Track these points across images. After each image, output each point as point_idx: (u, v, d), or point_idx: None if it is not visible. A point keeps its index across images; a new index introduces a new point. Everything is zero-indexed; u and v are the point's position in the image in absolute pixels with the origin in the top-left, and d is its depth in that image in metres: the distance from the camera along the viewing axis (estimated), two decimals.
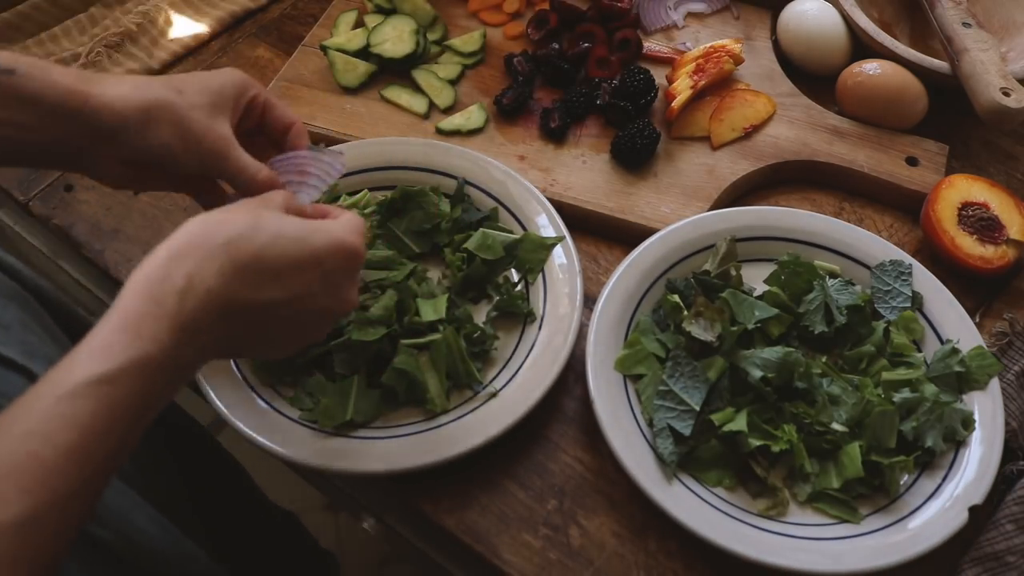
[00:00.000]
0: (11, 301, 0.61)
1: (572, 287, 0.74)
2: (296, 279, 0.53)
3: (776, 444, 0.65)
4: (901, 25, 1.00)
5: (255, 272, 0.51)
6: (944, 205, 0.80)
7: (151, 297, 0.48)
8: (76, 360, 0.46)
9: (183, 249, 0.50)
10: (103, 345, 0.46)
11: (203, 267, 0.49)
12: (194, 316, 0.49)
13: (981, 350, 0.71)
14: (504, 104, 0.90)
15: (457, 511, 0.67)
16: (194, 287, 0.49)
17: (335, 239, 0.55)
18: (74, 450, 0.43)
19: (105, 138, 0.58)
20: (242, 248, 0.51)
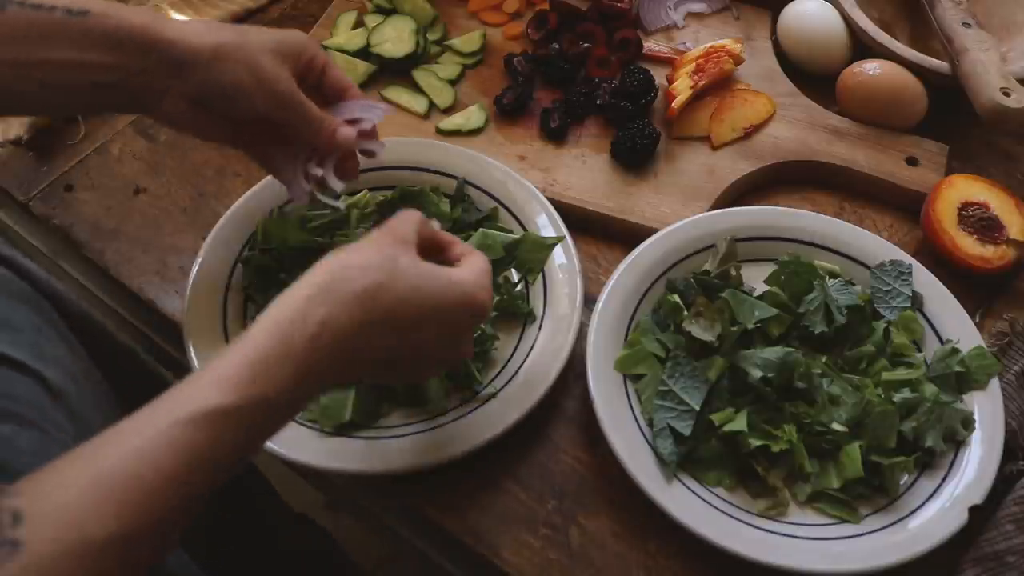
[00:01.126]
0: (23, 303, 0.61)
1: (572, 287, 0.74)
2: (422, 332, 0.54)
3: (776, 444, 0.65)
4: (901, 25, 1.00)
5: (386, 324, 0.52)
6: (944, 205, 0.80)
7: (283, 338, 0.48)
8: (197, 386, 0.46)
9: (320, 293, 0.50)
10: (226, 377, 0.46)
11: (338, 315, 0.50)
12: (319, 361, 0.49)
13: (981, 350, 0.71)
14: (504, 104, 0.90)
15: (457, 511, 0.67)
16: (326, 334, 0.49)
17: (467, 297, 0.55)
18: (177, 477, 0.43)
19: (176, 72, 0.60)
20: (378, 301, 0.51)
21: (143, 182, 0.87)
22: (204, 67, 0.60)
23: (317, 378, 0.49)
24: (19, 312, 0.60)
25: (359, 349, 0.51)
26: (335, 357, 0.50)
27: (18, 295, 0.62)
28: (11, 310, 0.60)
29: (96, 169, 0.88)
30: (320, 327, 0.49)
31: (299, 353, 0.48)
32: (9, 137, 0.89)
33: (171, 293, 0.79)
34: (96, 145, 0.90)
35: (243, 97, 0.61)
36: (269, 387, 0.47)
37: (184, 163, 0.88)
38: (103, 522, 0.40)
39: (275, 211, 0.78)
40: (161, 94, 0.61)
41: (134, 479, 0.42)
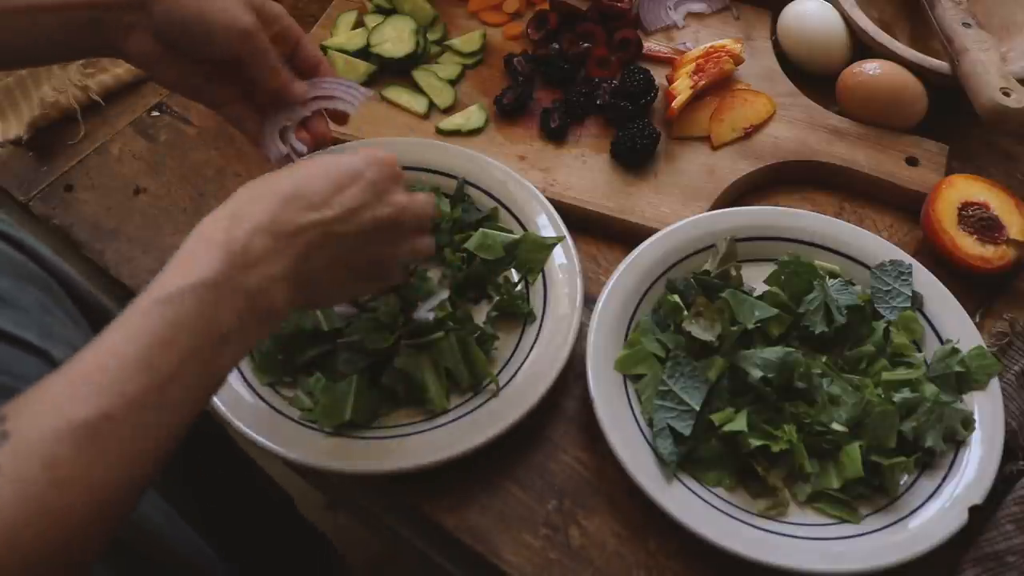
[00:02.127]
0: (31, 283, 0.62)
1: (572, 287, 0.74)
2: (342, 195, 0.55)
3: (776, 444, 0.65)
4: (901, 25, 1.00)
5: (298, 198, 0.54)
6: (944, 205, 0.80)
7: (201, 239, 0.51)
8: (140, 296, 0.49)
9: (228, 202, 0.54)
10: (163, 279, 0.49)
11: (247, 206, 0.53)
12: (243, 242, 0.51)
13: (981, 350, 0.71)
14: (504, 104, 0.90)
15: (457, 511, 0.67)
16: (240, 220, 0.52)
17: (365, 153, 0.58)
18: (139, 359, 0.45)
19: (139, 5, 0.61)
20: (281, 183, 0.54)
21: (143, 182, 0.87)
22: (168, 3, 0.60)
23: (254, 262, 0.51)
24: (27, 292, 0.60)
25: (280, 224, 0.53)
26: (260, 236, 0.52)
27: (27, 275, 0.62)
28: (19, 290, 0.60)
29: (96, 169, 0.88)
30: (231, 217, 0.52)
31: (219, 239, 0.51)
32: (9, 137, 0.90)
33: None
34: (96, 145, 0.90)
35: (206, 30, 0.62)
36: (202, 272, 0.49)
37: (184, 163, 0.88)
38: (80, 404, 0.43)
39: None
40: (127, 30, 0.62)
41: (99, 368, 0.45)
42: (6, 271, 0.60)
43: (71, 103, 0.91)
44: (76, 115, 0.91)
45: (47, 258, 0.66)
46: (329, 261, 0.56)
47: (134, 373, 0.45)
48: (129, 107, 0.94)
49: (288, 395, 0.70)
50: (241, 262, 0.50)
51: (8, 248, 0.63)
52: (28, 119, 0.89)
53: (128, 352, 0.46)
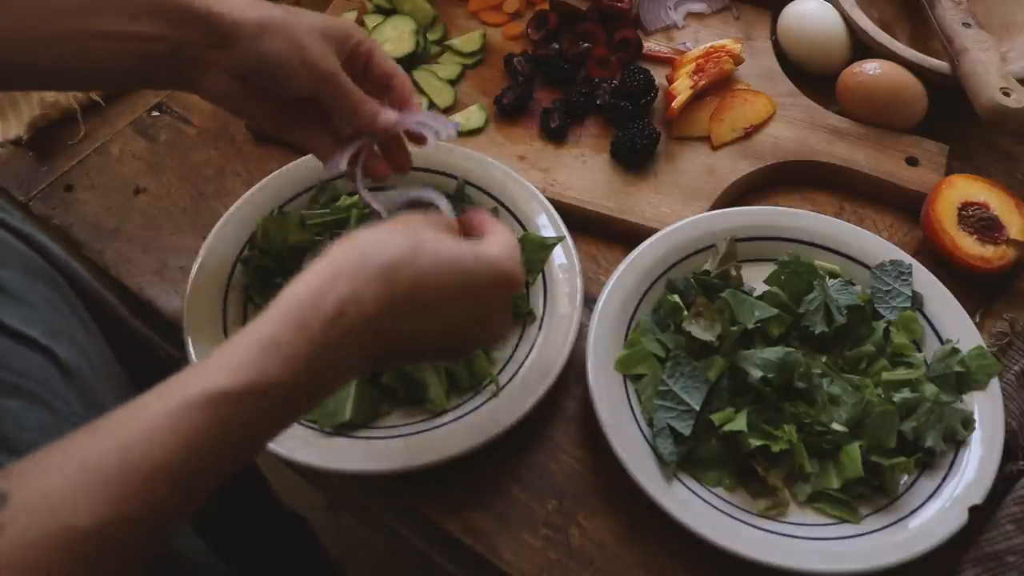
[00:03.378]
0: (38, 279, 0.61)
1: (572, 287, 0.74)
2: (452, 311, 0.51)
3: (776, 444, 0.65)
4: (901, 25, 1.00)
5: (411, 302, 0.48)
6: (944, 205, 0.80)
7: (297, 321, 0.45)
8: (199, 371, 0.43)
9: (338, 272, 0.47)
10: (231, 361, 0.44)
11: (359, 294, 0.46)
12: (339, 343, 0.46)
13: (981, 350, 0.71)
14: (504, 104, 0.90)
15: (457, 511, 0.67)
16: (346, 315, 0.46)
17: (498, 269, 0.52)
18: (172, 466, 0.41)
19: (220, 45, 0.60)
20: (400, 275, 0.48)
21: (143, 182, 0.87)
22: (249, 41, 0.59)
23: (336, 362, 0.46)
24: (34, 288, 0.60)
25: (383, 330, 0.47)
26: (356, 339, 0.46)
27: (34, 271, 0.62)
28: (27, 286, 0.59)
29: (96, 169, 0.88)
30: (339, 306, 0.46)
31: (315, 333, 0.45)
32: (9, 137, 0.90)
33: (171, 293, 0.79)
34: (96, 145, 0.90)
35: (286, 73, 0.61)
36: (282, 371, 0.44)
37: (184, 163, 0.88)
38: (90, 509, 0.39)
39: (275, 211, 0.78)
40: (205, 67, 0.61)
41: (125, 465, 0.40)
42: (14, 266, 0.60)
43: (71, 103, 0.91)
44: (76, 115, 0.91)
45: (54, 253, 0.66)
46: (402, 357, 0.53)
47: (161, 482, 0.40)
48: (129, 107, 0.94)
49: None
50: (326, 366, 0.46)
51: (17, 242, 0.62)
52: (28, 119, 0.89)
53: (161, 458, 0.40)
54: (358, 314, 0.46)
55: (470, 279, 0.51)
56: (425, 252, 0.49)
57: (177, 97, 0.94)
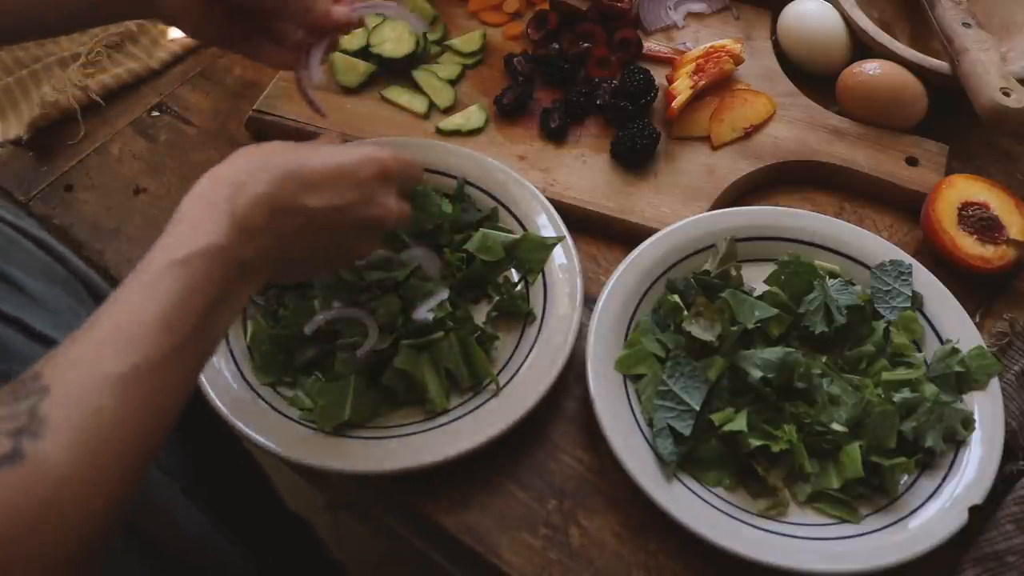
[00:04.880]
0: (60, 287, 0.63)
1: (572, 287, 0.74)
2: (335, 189, 0.58)
3: (776, 444, 0.65)
4: (901, 25, 1.00)
5: (298, 179, 0.56)
6: (944, 205, 0.80)
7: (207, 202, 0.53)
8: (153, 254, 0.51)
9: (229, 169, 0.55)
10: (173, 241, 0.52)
11: (251, 176, 0.55)
12: (246, 213, 0.53)
13: (981, 350, 0.71)
14: (504, 104, 0.89)
15: (457, 511, 0.67)
16: (244, 191, 0.54)
17: (365, 153, 0.60)
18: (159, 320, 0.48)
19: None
20: (285, 158, 0.56)
21: (143, 182, 0.87)
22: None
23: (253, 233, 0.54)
24: (58, 295, 0.62)
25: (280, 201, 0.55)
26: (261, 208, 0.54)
27: (56, 279, 0.63)
28: (51, 293, 0.61)
29: (96, 169, 0.88)
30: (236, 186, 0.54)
31: (225, 207, 0.53)
32: (9, 137, 0.90)
33: None
34: (96, 145, 0.90)
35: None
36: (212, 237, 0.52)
37: (184, 163, 0.88)
38: (117, 358, 0.46)
39: None
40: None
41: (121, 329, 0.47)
42: (37, 274, 0.61)
43: (71, 103, 0.91)
44: (76, 115, 0.91)
45: (72, 262, 0.68)
46: (306, 245, 0.59)
47: (156, 333, 0.47)
48: (129, 107, 0.94)
49: (288, 395, 0.70)
50: (244, 235, 0.53)
51: (37, 250, 0.64)
52: (28, 119, 0.89)
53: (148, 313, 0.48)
54: (252, 190, 0.54)
55: (344, 159, 0.59)
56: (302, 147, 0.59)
57: (177, 97, 0.94)
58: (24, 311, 0.58)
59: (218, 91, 0.95)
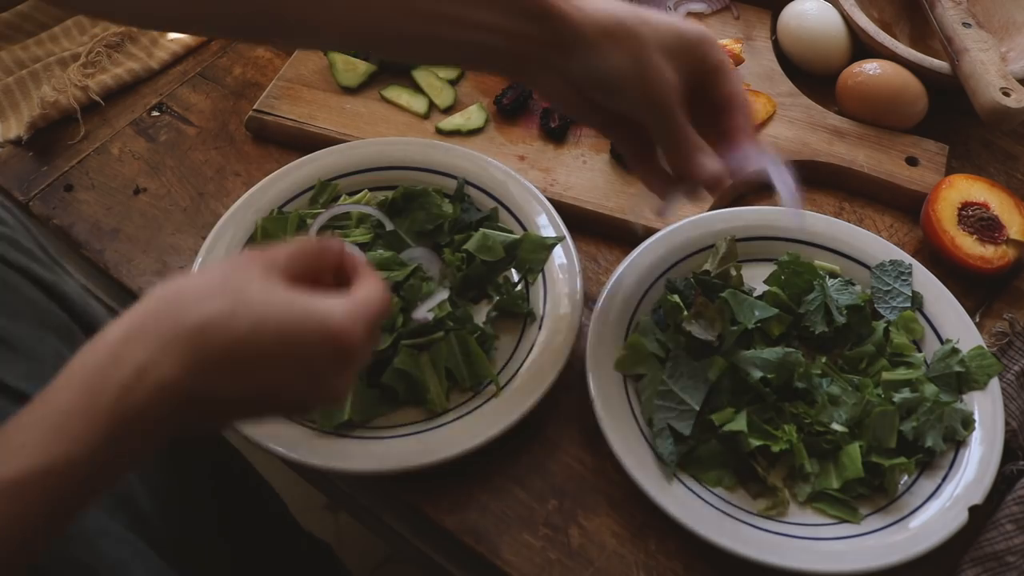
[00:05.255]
0: (51, 331, 0.57)
1: (572, 287, 0.74)
2: (273, 375, 0.45)
3: (776, 444, 0.65)
4: (901, 25, 1.00)
5: (222, 368, 0.43)
6: (944, 205, 0.80)
7: (88, 389, 0.41)
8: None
9: (140, 329, 0.42)
10: (19, 442, 0.40)
11: (158, 357, 0.41)
12: (138, 410, 0.41)
13: (981, 350, 0.71)
14: (504, 104, 0.90)
15: (457, 511, 0.67)
16: (143, 380, 0.41)
17: (327, 332, 0.45)
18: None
19: (559, 47, 0.56)
20: (212, 339, 0.42)
21: (143, 182, 0.87)
22: (587, 50, 0.56)
23: (141, 430, 0.41)
24: (45, 341, 0.56)
25: (192, 398, 0.42)
26: (160, 405, 0.41)
27: (49, 323, 0.58)
28: (37, 339, 0.55)
29: (96, 169, 0.88)
30: (136, 372, 0.41)
31: (108, 405, 0.40)
32: (9, 137, 0.90)
33: None
34: (96, 145, 0.90)
35: (618, 91, 0.57)
36: (73, 448, 0.39)
37: (184, 163, 0.88)
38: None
39: (274, 211, 0.78)
40: (541, 67, 0.58)
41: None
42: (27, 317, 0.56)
43: (71, 103, 0.91)
44: (76, 115, 0.91)
45: (74, 300, 0.62)
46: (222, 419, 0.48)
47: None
48: (129, 107, 0.94)
49: None
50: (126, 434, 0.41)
51: (35, 292, 0.59)
52: (28, 119, 0.89)
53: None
54: (155, 380, 0.41)
55: (291, 340, 0.44)
56: (243, 311, 0.43)
57: (177, 97, 0.94)
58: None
59: (218, 91, 0.95)
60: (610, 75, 0.56)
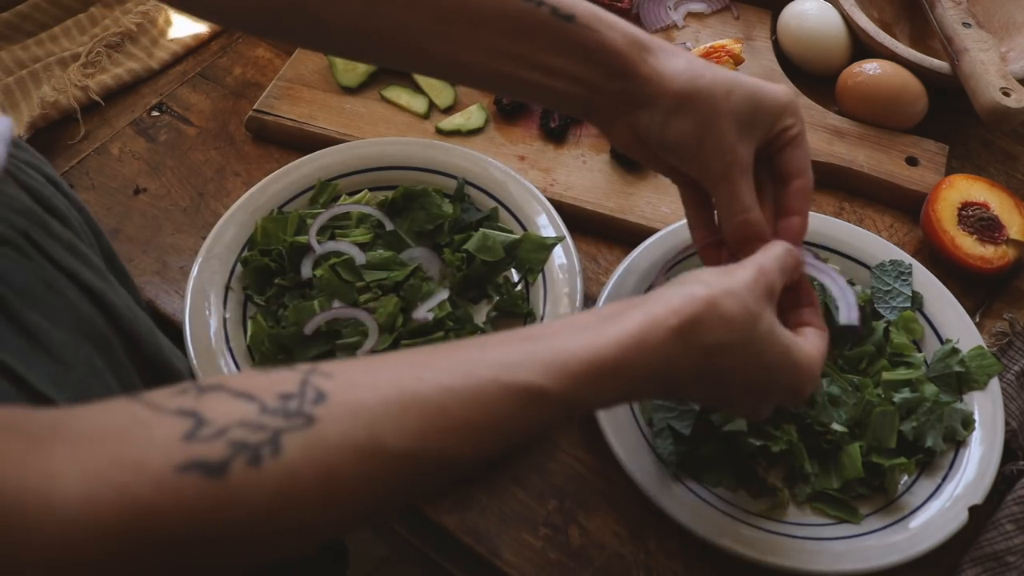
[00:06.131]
0: (88, 340, 0.57)
1: (572, 287, 0.74)
2: (740, 390, 0.53)
3: (776, 444, 0.65)
4: (901, 25, 1.00)
5: (711, 377, 0.50)
6: (944, 205, 0.80)
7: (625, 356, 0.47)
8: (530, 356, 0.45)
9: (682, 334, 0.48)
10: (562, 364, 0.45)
11: (680, 360, 0.48)
12: (641, 388, 0.49)
13: (981, 350, 0.71)
14: (504, 104, 0.90)
15: (457, 511, 0.67)
16: (661, 372, 0.48)
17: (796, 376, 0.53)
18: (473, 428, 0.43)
19: (635, 106, 0.57)
20: (719, 361, 0.50)
21: (143, 182, 0.87)
22: (661, 114, 0.57)
23: (626, 398, 0.51)
24: (80, 348, 0.56)
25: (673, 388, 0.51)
26: (652, 386, 0.50)
27: (87, 331, 0.57)
28: (71, 345, 0.55)
29: (96, 169, 0.88)
30: (664, 363, 0.48)
31: (636, 376, 0.47)
32: None
33: (171, 293, 0.79)
34: (96, 145, 0.90)
35: (682, 156, 0.58)
36: (592, 395, 0.46)
37: (184, 163, 0.88)
38: (398, 432, 0.40)
39: (275, 211, 0.78)
40: (614, 118, 0.59)
41: (440, 411, 0.42)
42: (65, 323, 0.55)
43: (71, 103, 0.91)
44: (76, 115, 0.91)
45: (121, 312, 0.61)
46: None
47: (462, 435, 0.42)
48: (129, 107, 0.94)
49: None
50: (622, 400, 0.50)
51: (80, 298, 0.58)
52: (28, 119, 0.89)
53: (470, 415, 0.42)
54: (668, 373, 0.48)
55: (771, 372, 0.52)
56: (751, 346, 0.51)
57: (177, 97, 0.94)
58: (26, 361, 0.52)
59: (218, 91, 0.95)
60: (678, 142, 0.57)
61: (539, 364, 0.45)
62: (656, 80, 0.56)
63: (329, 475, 0.39)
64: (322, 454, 0.39)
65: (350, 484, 0.39)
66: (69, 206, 0.62)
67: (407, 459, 0.41)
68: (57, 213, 0.59)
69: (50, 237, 0.56)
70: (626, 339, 0.47)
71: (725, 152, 0.57)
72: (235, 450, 0.37)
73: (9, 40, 0.97)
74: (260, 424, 0.38)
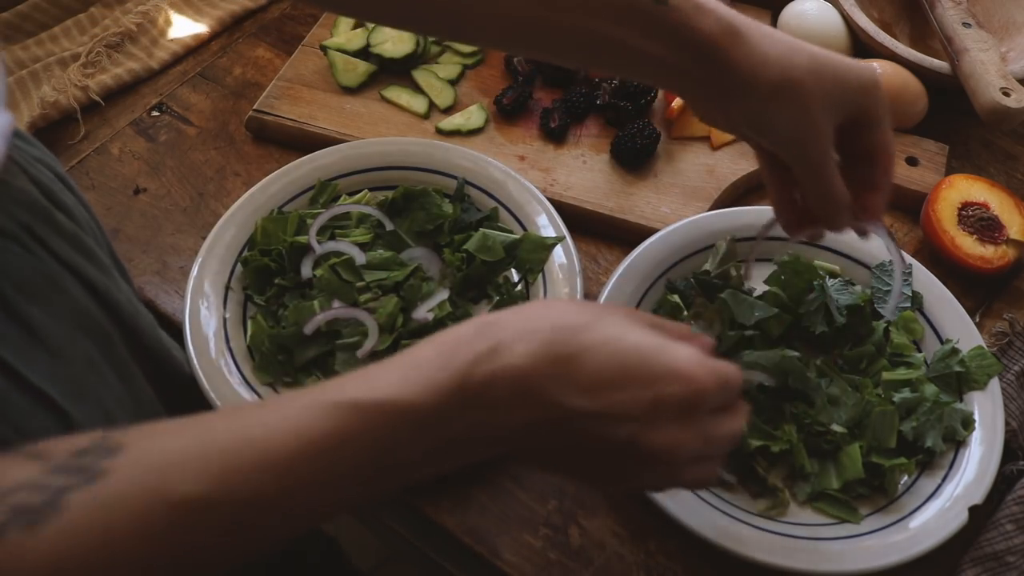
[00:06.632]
0: (87, 336, 0.57)
1: (572, 287, 0.74)
2: (613, 395, 0.45)
3: (776, 444, 0.65)
4: (901, 25, 1.00)
5: (568, 371, 0.45)
6: (944, 205, 0.80)
7: (446, 350, 0.44)
8: (340, 381, 0.44)
9: (505, 320, 0.46)
10: (372, 376, 0.43)
11: (514, 343, 0.44)
12: (482, 383, 0.43)
13: (981, 350, 0.71)
14: (504, 104, 0.90)
15: (457, 511, 0.67)
16: (495, 357, 0.44)
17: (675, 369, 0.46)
18: (278, 461, 0.40)
19: (727, 91, 0.57)
20: (564, 341, 0.45)
21: (143, 182, 0.87)
22: (754, 99, 0.56)
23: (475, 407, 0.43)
24: (77, 343, 0.56)
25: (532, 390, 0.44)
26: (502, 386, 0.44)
27: (86, 325, 0.57)
28: (70, 339, 0.55)
29: (96, 169, 0.88)
30: (491, 348, 0.44)
31: (460, 367, 0.43)
32: None
33: (171, 293, 0.79)
34: (96, 145, 0.90)
35: (772, 138, 0.58)
36: (418, 394, 0.42)
37: (184, 163, 0.88)
38: (196, 478, 0.38)
39: (274, 211, 0.78)
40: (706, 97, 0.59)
41: (243, 448, 0.40)
42: (63, 318, 0.55)
43: (71, 103, 0.91)
44: (76, 115, 0.91)
45: (123, 309, 0.61)
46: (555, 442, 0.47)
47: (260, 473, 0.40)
48: (129, 107, 0.94)
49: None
50: (462, 404, 0.43)
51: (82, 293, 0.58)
52: (28, 119, 0.89)
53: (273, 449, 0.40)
54: (505, 360, 0.44)
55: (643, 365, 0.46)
56: (599, 330, 0.46)
57: (177, 97, 0.94)
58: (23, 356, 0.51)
59: (218, 91, 0.95)
60: (771, 128, 0.57)
61: (344, 382, 0.43)
62: (748, 69, 0.55)
63: (108, 531, 0.36)
64: (102, 510, 0.37)
65: (134, 540, 0.37)
66: (76, 202, 0.62)
67: (213, 505, 0.38)
68: (64, 208, 0.59)
69: (54, 231, 0.56)
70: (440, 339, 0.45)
71: (820, 139, 0.57)
72: (13, 514, 0.35)
73: (9, 40, 0.97)
74: (44, 484, 0.36)
